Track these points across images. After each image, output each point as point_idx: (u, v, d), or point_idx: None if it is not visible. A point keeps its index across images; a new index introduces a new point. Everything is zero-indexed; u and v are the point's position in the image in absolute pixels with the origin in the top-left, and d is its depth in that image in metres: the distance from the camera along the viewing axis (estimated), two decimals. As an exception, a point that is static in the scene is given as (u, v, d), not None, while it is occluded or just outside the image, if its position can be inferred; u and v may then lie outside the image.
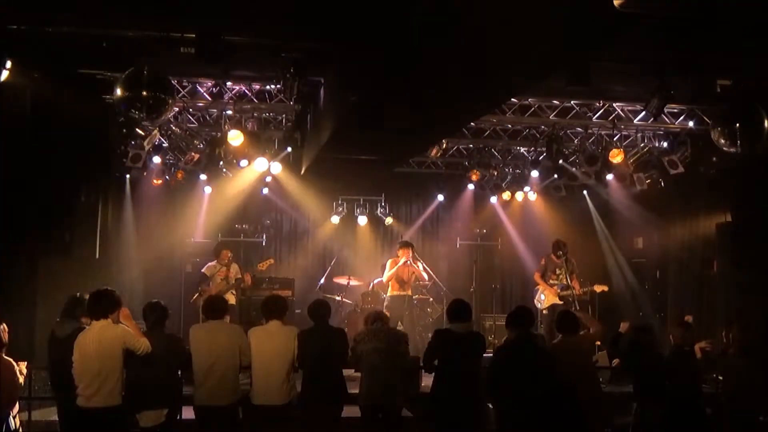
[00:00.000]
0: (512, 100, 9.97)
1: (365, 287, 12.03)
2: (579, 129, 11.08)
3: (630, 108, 10.40)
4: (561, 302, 10.58)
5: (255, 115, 10.37)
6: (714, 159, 10.32)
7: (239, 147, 10.12)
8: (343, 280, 12.17)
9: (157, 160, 10.88)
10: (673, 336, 6.97)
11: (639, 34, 5.90)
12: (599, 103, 10.31)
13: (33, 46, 7.38)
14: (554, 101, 10.24)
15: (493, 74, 6.27)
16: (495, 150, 12.26)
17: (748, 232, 9.85)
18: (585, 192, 13.02)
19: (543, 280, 10.96)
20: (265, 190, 12.82)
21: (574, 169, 11.66)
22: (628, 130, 11.01)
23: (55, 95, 7.90)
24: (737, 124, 7.85)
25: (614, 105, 10.34)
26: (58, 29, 7.11)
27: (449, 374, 6.18)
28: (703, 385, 7.68)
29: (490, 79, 6.49)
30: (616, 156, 10.69)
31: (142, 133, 10.20)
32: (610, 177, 11.49)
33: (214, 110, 10.35)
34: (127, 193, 11.53)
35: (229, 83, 9.63)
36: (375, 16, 6.05)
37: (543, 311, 10.83)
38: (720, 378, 7.52)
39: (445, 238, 14.18)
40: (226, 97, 9.83)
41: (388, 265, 10.71)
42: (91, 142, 9.07)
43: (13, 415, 6.42)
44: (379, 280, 11.41)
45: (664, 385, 6.60)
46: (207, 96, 9.76)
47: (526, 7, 4.75)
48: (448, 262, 14.01)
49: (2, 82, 7.18)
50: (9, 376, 6.20)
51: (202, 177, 11.79)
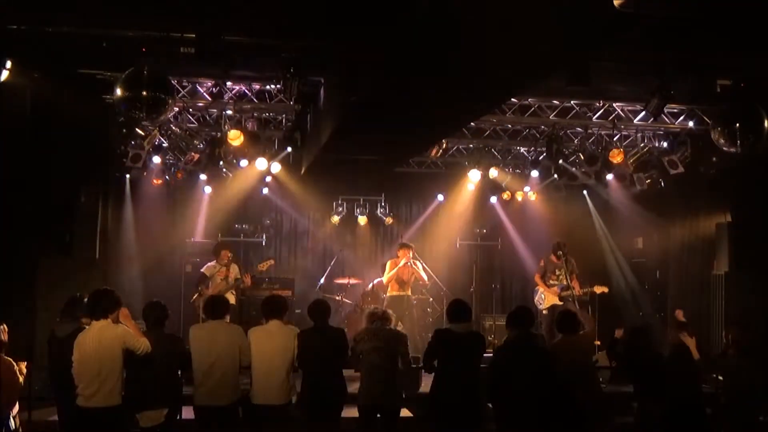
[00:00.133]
0: (512, 100, 9.98)
1: (365, 287, 12.03)
2: (579, 129, 11.09)
3: (630, 108, 10.40)
4: (561, 302, 10.58)
5: (255, 115, 10.37)
6: (714, 159, 10.33)
7: (239, 147, 10.12)
8: (343, 280, 12.18)
9: (157, 160, 10.88)
10: (671, 336, 6.98)
11: (639, 34, 5.90)
12: (599, 103, 10.31)
13: (33, 46, 7.38)
14: (554, 101, 10.24)
15: (493, 74, 6.28)
16: (495, 150, 12.27)
17: (748, 232, 9.86)
18: (585, 192, 13.01)
19: (543, 282, 10.95)
20: (265, 190, 12.82)
21: (574, 169, 11.67)
22: (628, 130, 11.01)
23: (55, 95, 7.90)
24: (737, 124, 7.85)
25: (614, 105, 10.34)
26: (58, 29, 7.11)
27: (449, 374, 6.17)
28: (703, 385, 7.69)
29: (490, 80, 6.49)
30: (617, 156, 10.71)
31: (142, 133, 10.21)
32: (610, 177, 11.50)
33: (214, 110, 10.35)
34: (127, 193, 11.52)
35: (229, 83, 9.63)
36: (375, 16, 6.05)
37: (543, 311, 10.83)
38: (720, 378, 7.51)
39: (445, 238, 14.16)
40: (226, 97, 9.83)
41: (388, 266, 10.73)
42: (91, 142, 9.07)
43: (13, 415, 6.43)
44: (378, 280, 11.41)
45: (664, 385, 6.60)
46: (207, 96, 9.76)
47: (526, 7, 4.75)
48: (448, 262, 13.98)
49: (2, 82, 7.19)
50: (9, 376, 6.21)
51: (202, 177, 11.78)
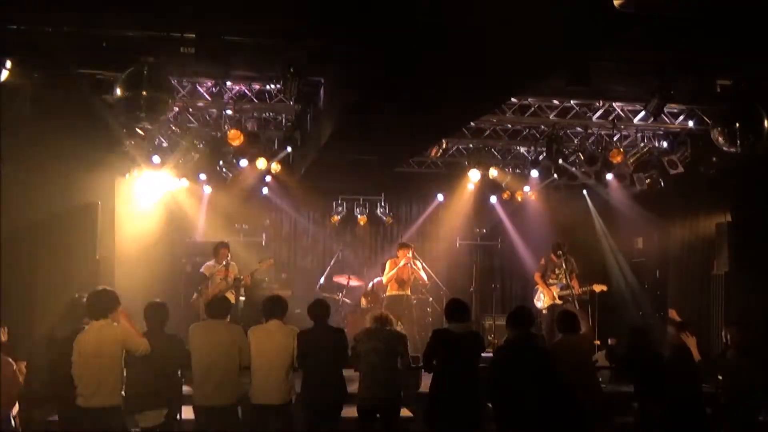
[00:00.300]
0: (512, 100, 9.97)
1: (365, 287, 12.03)
2: (579, 129, 11.08)
3: (630, 108, 10.39)
4: (561, 302, 10.58)
5: (255, 115, 10.36)
6: (714, 159, 10.31)
7: (239, 147, 10.12)
8: (343, 280, 12.18)
9: (157, 160, 10.87)
10: (670, 336, 6.97)
11: (639, 34, 5.90)
12: (599, 103, 10.30)
13: (33, 46, 7.37)
14: (554, 101, 10.23)
15: (493, 74, 6.28)
16: (495, 150, 12.26)
17: (748, 232, 9.85)
18: (585, 192, 13.00)
19: (543, 281, 10.95)
20: (265, 190, 12.82)
21: (574, 169, 11.66)
22: (628, 130, 11.00)
23: (55, 95, 7.88)
24: (737, 124, 7.84)
25: (614, 105, 10.32)
26: (58, 29, 7.10)
27: (447, 374, 6.17)
28: (703, 385, 7.69)
29: (490, 80, 6.49)
30: (617, 156, 10.71)
31: (142, 133, 10.20)
32: (610, 177, 11.50)
33: (214, 110, 10.33)
34: (127, 193, 11.51)
35: (229, 83, 9.62)
36: (375, 16, 6.05)
37: (543, 311, 10.83)
38: (720, 378, 7.51)
39: (445, 238, 14.16)
40: (226, 97, 9.82)
41: (388, 266, 10.72)
42: (91, 141, 9.07)
43: (13, 416, 6.44)
44: (378, 280, 11.41)
45: (664, 385, 6.61)
46: (207, 96, 9.75)
47: (526, 7, 4.75)
48: (448, 262, 13.99)
49: (2, 82, 7.18)
50: (9, 376, 6.22)
51: (202, 177, 11.79)
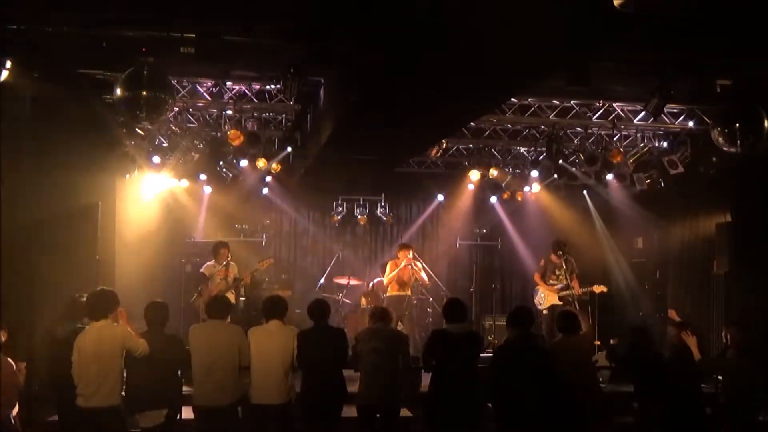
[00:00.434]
0: (512, 100, 9.97)
1: (365, 287, 12.02)
2: (579, 129, 11.08)
3: (630, 108, 10.39)
4: (561, 302, 10.58)
5: (255, 115, 10.36)
6: (714, 159, 10.31)
7: (239, 147, 10.11)
8: (343, 280, 12.18)
9: (157, 160, 10.88)
10: (670, 336, 6.97)
11: (639, 34, 5.90)
12: (599, 103, 10.31)
13: (33, 46, 7.36)
14: (554, 101, 10.23)
15: (493, 74, 6.28)
16: (495, 150, 12.26)
17: (748, 232, 9.85)
18: (585, 192, 13.00)
19: (543, 281, 10.95)
20: (265, 190, 12.82)
21: (574, 169, 11.66)
22: (628, 130, 11.01)
23: (55, 95, 7.88)
24: (737, 124, 7.84)
25: (614, 105, 10.33)
26: (58, 29, 7.10)
27: (446, 375, 6.16)
28: (703, 385, 7.68)
29: (490, 80, 6.49)
30: (617, 156, 10.72)
31: (142, 133, 10.20)
32: (610, 177, 11.50)
33: (214, 110, 10.34)
34: (127, 193, 11.51)
35: (229, 83, 9.62)
36: (375, 16, 6.05)
37: (543, 311, 10.82)
38: (720, 378, 7.51)
39: (445, 238, 14.17)
40: (226, 97, 9.82)
41: (388, 268, 10.67)
42: (91, 142, 9.06)
43: (13, 416, 6.44)
44: (378, 280, 11.40)
45: (664, 385, 6.60)
46: (207, 96, 9.76)
47: (526, 7, 4.75)
48: (448, 262, 14.01)
49: (2, 82, 7.18)
50: (9, 376, 6.22)
51: (202, 177, 11.79)
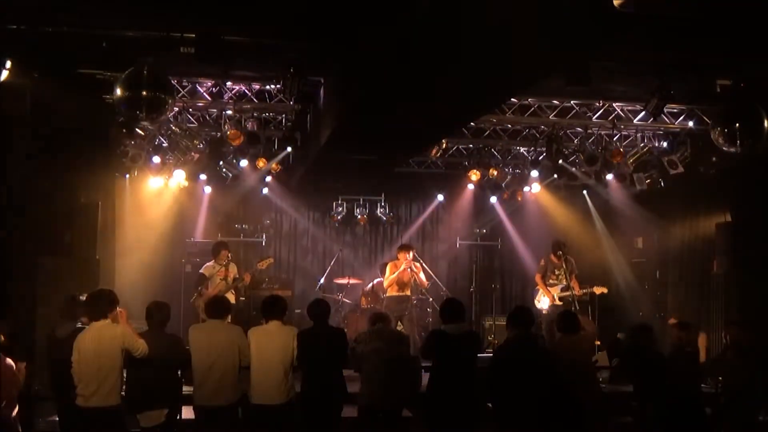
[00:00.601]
0: (512, 100, 9.98)
1: (365, 287, 12.02)
2: (579, 129, 11.08)
3: (630, 108, 10.39)
4: (561, 303, 10.57)
5: (255, 115, 10.36)
6: (714, 159, 10.31)
7: (239, 147, 10.11)
8: (343, 280, 12.17)
9: (157, 160, 10.88)
10: (672, 336, 6.96)
11: (639, 34, 5.90)
12: (599, 103, 10.31)
13: (33, 46, 7.37)
14: (554, 101, 10.24)
15: (493, 74, 6.28)
16: (495, 150, 12.26)
17: (748, 232, 9.84)
18: (585, 192, 13.01)
19: (543, 282, 10.94)
20: (265, 190, 12.82)
21: (574, 169, 11.66)
22: (628, 130, 11.01)
23: (55, 95, 7.88)
24: (737, 124, 7.84)
25: (614, 105, 10.33)
26: (58, 29, 7.10)
27: (444, 375, 6.16)
28: (703, 385, 7.68)
29: (490, 80, 6.49)
30: (617, 156, 10.73)
31: (142, 133, 10.21)
32: (610, 177, 11.50)
33: (214, 110, 10.34)
34: (127, 193, 11.51)
35: (229, 83, 9.63)
36: (375, 17, 6.05)
37: (543, 311, 10.82)
38: (720, 378, 7.51)
39: (445, 238, 14.18)
40: (226, 97, 9.83)
41: (388, 270, 10.62)
42: (91, 142, 9.06)
43: (13, 416, 6.43)
44: (378, 280, 11.39)
45: (664, 385, 6.60)
46: (207, 96, 9.76)
47: (526, 7, 4.75)
48: (448, 262, 14.02)
49: (2, 82, 7.18)
50: (9, 376, 6.21)
51: (202, 177, 11.79)
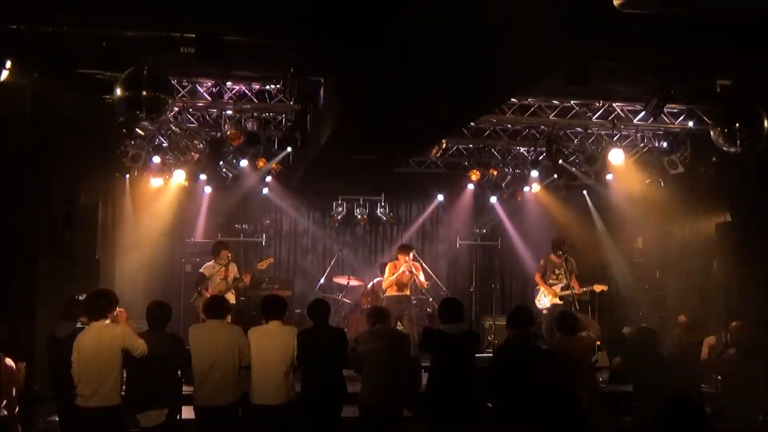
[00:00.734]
0: (512, 100, 9.97)
1: (365, 287, 12.02)
2: (579, 129, 11.08)
3: (630, 108, 10.39)
4: (561, 302, 10.58)
5: (255, 115, 10.36)
6: (714, 159, 10.32)
7: (239, 147, 10.11)
8: (343, 280, 12.17)
9: (157, 160, 10.88)
10: (672, 336, 6.97)
11: (639, 34, 5.90)
12: (599, 103, 10.30)
13: (33, 46, 7.36)
14: (554, 101, 10.23)
15: (493, 74, 6.28)
16: (495, 150, 12.26)
17: (748, 232, 9.84)
18: (585, 192, 13.01)
19: (543, 281, 10.94)
20: (265, 190, 12.83)
21: (574, 169, 11.66)
22: (628, 130, 11.00)
23: (55, 95, 7.88)
24: (737, 124, 7.84)
25: (614, 105, 10.33)
26: (58, 29, 7.10)
27: (443, 375, 6.17)
28: (703, 385, 7.69)
29: (490, 80, 6.49)
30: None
31: (142, 133, 10.20)
32: (610, 177, 11.49)
33: (214, 110, 10.33)
34: (127, 193, 11.52)
35: (229, 83, 9.62)
36: (375, 16, 6.05)
37: (543, 311, 10.82)
38: (720, 378, 7.51)
39: (445, 238, 14.19)
40: (226, 97, 9.82)
41: (387, 271, 10.62)
42: (91, 142, 9.06)
43: (13, 416, 6.43)
44: (378, 280, 11.39)
45: (664, 385, 6.60)
46: (207, 96, 9.75)
47: (526, 7, 4.75)
48: (448, 262, 14.03)
49: (2, 82, 7.18)
50: (9, 376, 6.21)
51: (202, 177, 11.79)
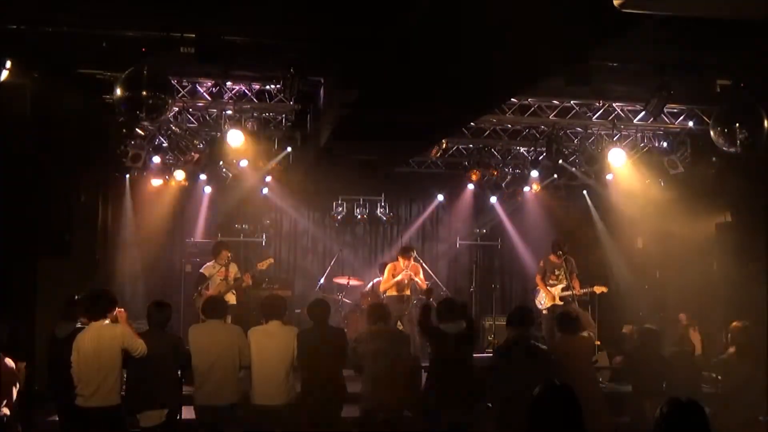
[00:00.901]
0: (512, 100, 9.97)
1: (365, 287, 12.02)
2: (579, 129, 11.08)
3: (630, 108, 10.39)
4: (561, 303, 10.57)
5: (255, 115, 10.35)
6: (714, 159, 10.31)
7: (239, 147, 10.12)
8: (343, 280, 12.17)
9: (157, 160, 10.88)
10: (672, 336, 6.96)
11: (639, 34, 5.90)
12: (599, 103, 10.30)
13: (33, 46, 7.37)
14: (554, 101, 10.23)
15: (493, 74, 6.28)
16: (495, 150, 12.26)
17: (748, 232, 9.84)
18: (585, 192, 13.01)
19: (543, 282, 10.94)
20: (265, 190, 12.82)
21: (574, 169, 11.66)
22: (628, 130, 10.99)
23: (55, 95, 7.88)
24: (737, 124, 7.83)
25: (614, 105, 10.32)
26: (58, 29, 7.10)
27: (442, 374, 6.17)
28: (703, 385, 7.68)
29: (490, 80, 6.50)
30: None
31: (142, 133, 10.21)
32: (610, 177, 11.49)
33: (214, 110, 10.33)
34: (127, 193, 11.52)
35: (229, 83, 9.62)
36: (374, 17, 6.05)
37: (543, 311, 10.82)
38: (720, 378, 7.51)
39: (445, 238, 14.18)
40: (226, 97, 9.82)
41: (387, 271, 10.61)
42: (91, 142, 9.07)
43: (14, 416, 6.43)
44: (378, 280, 11.39)
45: (665, 386, 6.60)
46: (207, 96, 9.75)
47: (526, 8, 4.75)
48: (448, 262, 14.02)
49: (2, 82, 7.18)
50: (9, 376, 6.21)
51: (202, 177, 11.79)
